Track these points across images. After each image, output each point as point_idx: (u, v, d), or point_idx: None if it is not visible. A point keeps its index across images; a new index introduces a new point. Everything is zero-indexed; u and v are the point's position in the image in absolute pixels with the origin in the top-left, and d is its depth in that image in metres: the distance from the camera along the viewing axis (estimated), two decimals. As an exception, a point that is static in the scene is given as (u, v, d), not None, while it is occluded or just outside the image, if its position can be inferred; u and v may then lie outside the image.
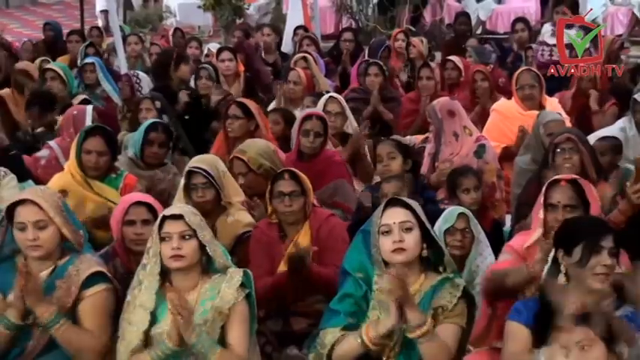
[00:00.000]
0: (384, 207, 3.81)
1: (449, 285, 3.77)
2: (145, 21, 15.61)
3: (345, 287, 3.87)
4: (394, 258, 3.73)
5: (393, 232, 3.73)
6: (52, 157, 6.61)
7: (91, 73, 8.73)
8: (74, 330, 3.88)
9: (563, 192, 4.33)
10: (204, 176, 5.10)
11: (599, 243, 3.61)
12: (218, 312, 3.82)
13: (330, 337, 3.75)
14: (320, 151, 6.18)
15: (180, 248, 3.81)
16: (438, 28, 12.86)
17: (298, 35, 11.30)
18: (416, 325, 3.60)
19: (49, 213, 3.96)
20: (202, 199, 5.08)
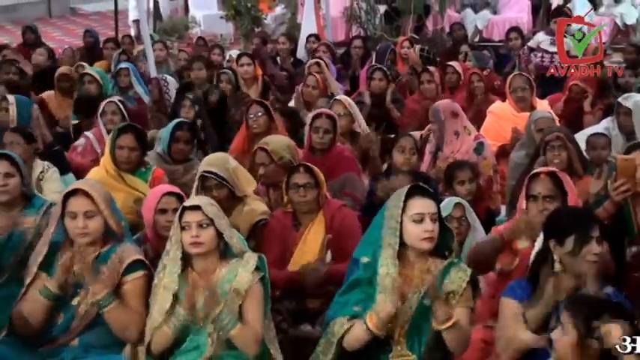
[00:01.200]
0: (411, 195, 3.75)
1: (457, 270, 3.74)
2: (173, 30, 15.64)
3: (352, 275, 3.86)
4: (424, 245, 3.71)
5: (425, 222, 3.69)
6: (88, 144, 6.83)
7: (125, 77, 8.77)
8: (123, 309, 3.90)
9: (543, 184, 4.34)
10: (215, 178, 5.08)
11: (589, 234, 3.62)
12: (236, 293, 3.84)
13: (339, 327, 3.73)
14: (330, 146, 6.18)
15: (198, 236, 3.84)
16: (439, 36, 12.84)
17: (310, 43, 11.33)
18: (444, 318, 3.59)
19: (100, 205, 4.00)
20: (217, 198, 5.08)
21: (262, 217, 5.10)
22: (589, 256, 3.60)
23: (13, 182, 4.66)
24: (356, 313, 3.73)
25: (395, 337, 3.73)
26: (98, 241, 4.05)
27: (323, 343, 3.84)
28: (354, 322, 3.70)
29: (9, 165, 4.67)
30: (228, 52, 10.95)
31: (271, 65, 10.23)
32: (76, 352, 3.92)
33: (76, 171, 6.42)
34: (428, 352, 3.72)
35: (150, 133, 7.23)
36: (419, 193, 3.77)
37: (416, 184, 3.98)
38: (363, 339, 3.69)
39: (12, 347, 3.90)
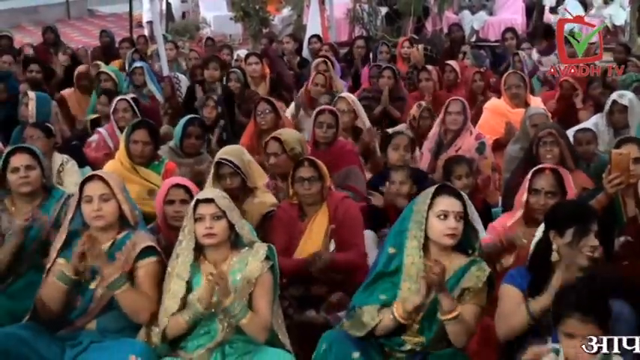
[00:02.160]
0: (439, 193, 3.76)
1: (476, 268, 3.74)
2: (184, 30, 15.63)
3: (379, 264, 3.85)
4: (446, 241, 3.71)
5: (449, 219, 3.69)
6: (101, 140, 6.87)
7: (139, 76, 8.77)
8: (135, 292, 3.90)
9: (547, 179, 4.33)
10: (230, 166, 5.09)
11: (588, 227, 3.62)
12: (246, 281, 3.84)
13: (369, 317, 3.72)
14: (333, 141, 6.17)
15: (212, 227, 3.84)
16: (438, 37, 12.85)
17: (312, 43, 11.35)
18: (447, 309, 3.58)
19: (114, 189, 4.03)
20: (230, 186, 5.09)
21: (271, 209, 5.11)
22: (586, 249, 3.60)
23: (34, 174, 4.66)
24: (382, 302, 3.75)
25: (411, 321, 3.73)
26: (113, 226, 4.06)
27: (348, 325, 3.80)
28: (383, 312, 3.71)
29: (30, 158, 4.68)
30: (237, 52, 10.96)
31: (280, 64, 10.25)
32: (93, 336, 3.93)
33: (91, 165, 6.43)
34: (435, 339, 3.73)
35: (162, 129, 7.26)
36: (446, 192, 3.77)
37: (445, 183, 3.98)
38: (389, 326, 3.71)
39: (31, 331, 3.90)
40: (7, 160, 4.66)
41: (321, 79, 8.04)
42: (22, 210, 4.64)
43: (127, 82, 8.81)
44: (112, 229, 4.06)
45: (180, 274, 3.86)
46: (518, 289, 3.69)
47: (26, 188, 4.64)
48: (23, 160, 4.64)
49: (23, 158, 4.66)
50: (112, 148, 6.60)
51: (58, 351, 3.88)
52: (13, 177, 4.62)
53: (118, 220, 4.08)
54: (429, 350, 3.74)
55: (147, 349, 3.82)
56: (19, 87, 8.43)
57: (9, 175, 4.64)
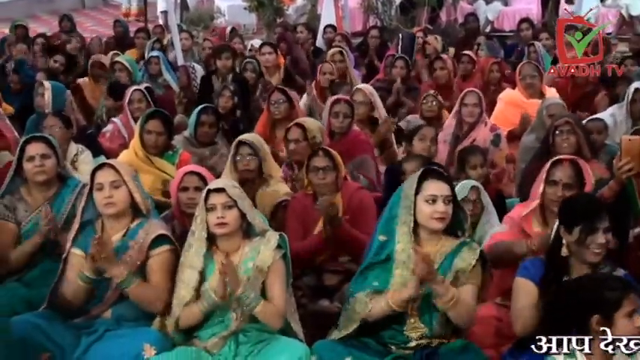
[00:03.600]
0: (426, 177, 3.75)
1: (467, 249, 3.74)
2: (199, 20, 15.60)
3: (371, 252, 3.85)
4: (435, 225, 3.70)
5: (437, 203, 3.68)
6: (115, 130, 6.89)
7: (155, 65, 8.80)
8: (144, 287, 3.91)
9: (565, 171, 4.29)
10: (250, 147, 5.15)
11: (595, 225, 3.60)
12: (259, 270, 3.84)
13: (361, 306, 3.72)
14: (348, 130, 6.18)
15: (223, 217, 3.83)
16: (453, 27, 12.81)
17: (327, 33, 11.35)
18: (443, 296, 3.57)
19: (124, 176, 4.03)
20: (247, 167, 5.12)
21: (285, 198, 5.12)
22: (593, 246, 3.59)
23: (50, 163, 4.67)
24: (375, 288, 3.74)
25: (409, 311, 3.72)
26: (126, 215, 4.06)
27: (343, 319, 3.83)
28: (376, 300, 3.70)
29: (45, 147, 4.69)
30: (251, 42, 10.95)
31: (297, 49, 10.28)
32: (108, 324, 3.94)
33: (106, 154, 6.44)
34: (439, 325, 3.72)
35: (176, 119, 7.27)
36: (434, 176, 3.76)
37: (431, 167, 3.95)
38: (383, 313, 3.69)
39: (47, 319, 3.91)
40: (23, 148, 4.67)
41: (328, 68, 8.03)
42: (38, 199, 4.66)
43: (143, 72, 8.83)
44: (124, 217, 4.06)
45: (193, 264, 3.87)
46: (532, 281, 3.68)
47: (41, 177, 4.65)
48: (39, 149, 4.65)
49: (39, 147, 4.66)
50: (127, 138, 6.61)
51: (73, 339, 3.89)
52: (28, 166, 4.63)
53: (130, 209, 4.08)
54: (435, 338, 3.72)
55: (161, 337, 3.83)
56: (34, 76, 8.46)
57: (25, 163, 4.65)
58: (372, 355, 3.72)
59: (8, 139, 6.28)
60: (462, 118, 6.56)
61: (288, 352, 3.66)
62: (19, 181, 4.71)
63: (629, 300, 3.14)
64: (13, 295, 4.30)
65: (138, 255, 3.95)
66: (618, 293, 3.15)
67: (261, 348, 3.77)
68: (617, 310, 3.14)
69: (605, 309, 3.15)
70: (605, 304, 3.15)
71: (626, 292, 3.15)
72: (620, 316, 3.15)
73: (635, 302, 3.14)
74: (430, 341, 3.73)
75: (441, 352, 3.67)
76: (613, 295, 3.15)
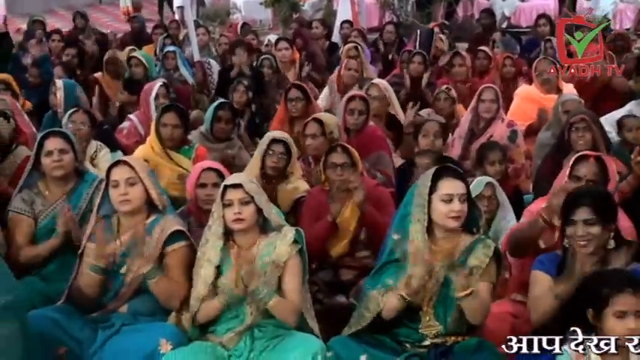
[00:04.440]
0: (442, 175, 3.74)
1: (481, 245, 3.72)
2: (215, 15, 15.65)
3: (385, 251, 3.85)
4: (451, 224, 3.70)
5: (454, 202, 3.67)
6: (132, 127, 6.89)
7: (171, 60, 8.82)
8: (166, 280, 3.92)
9: (590, 167, 4.27)
10: (284, 146, 5.21)
11: (571, 217, 3.62)
12: (275, 265, 3.84)
13: (374, 305, 3.71)
14: (363, 127, 6.17)
15: (240, 213, 3.83)
16: (469, 23, 12.77)
17: (344, 28, 11.34)
18: (461, 287, 3.56)
19: (140, 173, 4.03)
20: (276, 165, 5.16)
21: (304, 195, 5.15)
22: (575, 237, 3.60)
23: (67, 158, 4.69)
24: (389, 286, 3.72)
25: (423, 308, 3.72)
26: (141, 211, 4.07)
27: (355, 315, 3.83)
28: (388, 295, 3.69)
29: (63, 142, 4.71)
30: (267, 37, 10.96)
31: (313, 44, 10.28)
32: (124, 318, 3.95)
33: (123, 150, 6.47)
34: (453, 323, 3.71)
35: (192, 114, 7.29)
36: (449, 175, 3.75)
37: (446, 165, 3.95)
38: (396, 308, 3.68)
39: (65, 313, 3.94)
40: (42, 143, 4.69)
41: (353, 64, 8.02)
42: (56, 193, 4.68)
43: (159, 67, 8.85)
44: (140, 213, 4.07)
45: (211, 258, 3.87)
46: (547, 274, 3.68)
47: (59, 172, 4.67)
48: (57, 144, 4.67)
49: (57, 142, 4.68)
50: (143, 135, 6.62)
51: (90, 333, 3.91)
52: (46, 160, 4.65)
53: (146, 205, 4.08)
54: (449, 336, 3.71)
55: (177, 332, 3.84)
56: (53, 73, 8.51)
57: (43, 158, 4.66)
58: (387, 352, 3.72)
59: (26, 135, 6.32)
60: (479, 113, 6.55)
61: (304, 348, 3.65)
62: (37, 176, 4.72)
63: (624, 299, 3.12)
64: (31, 289, 4.31)
65: (154, 251, 3.95)
66: (608, 290, 3.15)
67: (277, 343, 3.77)
68: (606, 307, 3.15)
69: (595, 304, 3.17)
70: (597, 299, 3.17)
71: (619, 289, 3.13)
72: (609, 314, 3.15)
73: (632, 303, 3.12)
74: (445, 340, 3.72)
75: (455, 351, 3.67)
76: (603, 291, 3.15)
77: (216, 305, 3.84)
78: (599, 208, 3.62)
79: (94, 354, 3.84)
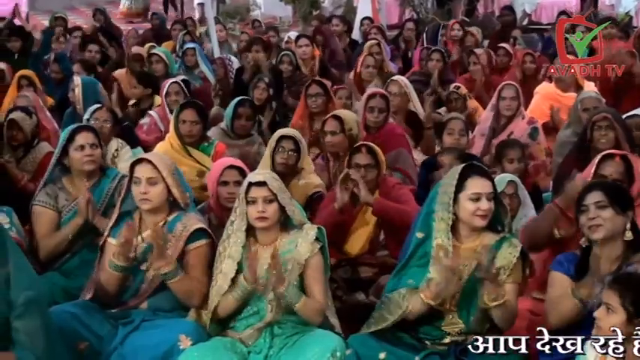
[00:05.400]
0: (470, 174, 3.72)
1: (507, 245, 3.70)
2: (235, 12, 15.67)
3: (408, 249, 3.83)
4: (479, 222, 3.68)
5: (482, 201, 3.66)
6: (152, 123, 6.90)
7: (191, 57, 8.85)
8: (187, 279, 3.92)
9: (616, 166, 4.25)
10: (294, 142, 5.21)
11: (583, 202, 3.63)
12: (296, 262, 3.83)
13: (395, 307, 3.70)
14: (383, 124, 6.17)
15: (264, 211, 3.82)
16: (489, 20, 12.72)
17: (364, 25, 11.31)
18: (493, 297, 3.55)
19: (162, 172, 4.03)
20: (286, 162, 5.17)
21: (317, 190, 5.15)
22: (588, 224, 3.60)
23: (98, 153, 4.73)
24: (410, 286, 3.72)
25: (447, 306, 3.71)
26: (162, 209, 4.07)
27: (376, 317, 3.81)
28: (411, 298, 3.68)
29: (94, 136, 4.74)
30: (287, 34, 10.96)
31: (334, 41, 10.28)
32: (144, 314, 3.97)
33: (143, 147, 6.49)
34: (476, 322, 3.70)
35: (212, 111, 7.30)
36: (477, 173, 3.74)
37: (473, 163, 3.93)
38: (419, 311, 3.68)
39: (85, 308, 3.96)
40: (72, 137, 4.70)
41: (371, 61, 8.01)
42: (80, 188, 4.70)
43: (179, 64, 8.88)
44: (160, 211, 4.07)
45: (232, 255, 3.87)
46: (565, 274, 3.65)
47: (90, 166, 4.69)
48: (89, 139, 4.69)
49: (89, 137, 4.71)
50: (163, 131, 6.64)
51: (110, 328, 3.93)
52: (77, 154, 4.67)
53: (167, 202, 4.09)
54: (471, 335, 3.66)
55: (197, 328, 3.85)
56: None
57: (72, 152, 4.68)
58: (407, 350, 3.71)
59: (48, 131, 6.37)
60: (500, 111, 6.52)
61: (323, 344, 3.65)
62: (62, 170, 4.75)
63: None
64: (52, 285, 4.36)
65: (175, 248, 3.96)
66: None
67: (296, 340, 3.77)
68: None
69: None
70: None
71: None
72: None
73: None
74: (465, 338, 3.70)
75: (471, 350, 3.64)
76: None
77: (230, 300, 3.83)
78: (610, 193, 3.62)
79: (114, 349, 3.85)
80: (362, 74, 7.92)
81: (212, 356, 3.66)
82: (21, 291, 3.49)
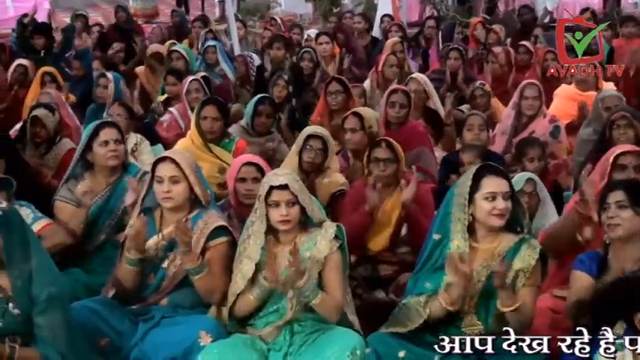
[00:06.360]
0: (485, 173, 3.72)
1: (526, 247, 3.69)
2: (255, 10, 15.69)
3: (426, 251, 3.84)
4: (495, 222, 3.67)
5: (497, 200, 3.65)
6: (173, 120, 6.93)
7: (212, 54, 8.86)
8: (209, 276, 3.93)
9: (636, 157, 4.26)
10: (322, 142, 5.22)
11: (606, 200, 3.64)
12: (315, 260, 3.83)
13: (417, 317, 3.69)
14: (405, 121, 6.17)
15: (287, 214, 3.82)
16: (511, 18, 12.66)
17: (384, 22, 11.30)
18: (507, 303, 3.55)
19: (185, 170, 4.03)
20: (313, 160, 5.18)
21: (341, 188, 5.15)
22: (607, 221, 3.62)
23: (121, 149, 4.76)
24: (429, 289, 3.72)
25: (465, 308, 3.70)
26: (184, 206, 4.08)
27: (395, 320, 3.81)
28: (431, 304, 3.68)
29: (117, 132, 4.77)
30: (307, 32, 10.97)
31: (354, 39, 10.28)
32: (164, 311, 3.98)
33: (163, 144, 6.53)
34: (495, 323, 3.68)
35: (233, 108, 7.32)
36: (492, 172, 3.73)
37: (488, 163, 3.92)
38: (440, 314, 3.68)
39: (106, 305, 3.99)
40: (96, 133, 4.72)
41: (394, 60, 8.00)
42: (101, 184, 4.74)
43: (200, 61, 8.90)
44: (182, 209, 4.08)
45: (251, 255, 3.86)
46: (588, 274, 3.64)
47: (114, 161, 4.72)
48: (113, 135, 4.72)
49: (113, 133, 4.73)
50: (183, 128, 6.66)
51: (131, 324, 3.95)
52: (101, 150, 4.70)
53: (188, 200, 4.09)
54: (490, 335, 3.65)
55: (217, 325, 3.87)
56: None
57: (97, 148, 4.71)
58: (426, 349, 3.69)
59: (70, 127, 6.41)
60: (522, 110, 6.49)
61: (342, 342, 3.65)
62: (84, 166, 4.78)
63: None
64: (74, 281, 4.39)
65: (196, 246, 3.97)
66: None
67: (316, 337, 3.78)
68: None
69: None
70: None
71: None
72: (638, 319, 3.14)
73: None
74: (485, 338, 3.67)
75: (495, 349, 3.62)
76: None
77: (250, 300, 3.84)
78: (632, 193, 3.62)
79: (134, 346, 3.87)
80: (385, 73, 7.91)
81: (232, 353, 3.67)
82: (43, 287, 3.53)
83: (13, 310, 3.52)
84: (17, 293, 3.52)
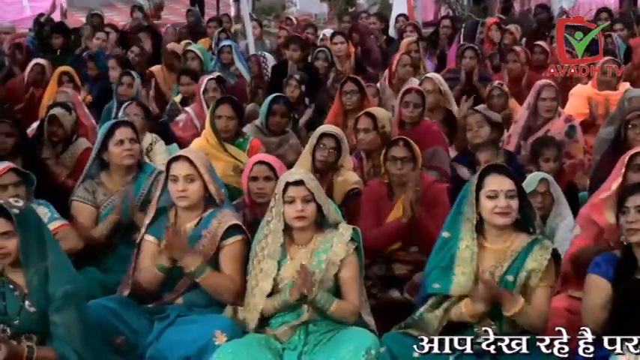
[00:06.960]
0: (488, 172, 3.73)
1: (538, 247, 3.68)
2: (270, 9, 15.71)
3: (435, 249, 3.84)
4: (498, 220, 3.67)
5: (499, 198, 3.65)
6: (188, 119, 6.93)
7: (227, 54, 8.86)
8: (216, 276, 3.95)
9: None
10: (335, 140, 5.21)
11: (625, 205, 3.61)
12: (331, 263, 3.85)
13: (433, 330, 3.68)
14: (419, 120, 6.16)
15: (303, 210, 3.83)
16: (526, 17, 12.62)
17: (399, 22, 11.28)
18: (511, 307, 3.56)
19: (200, 169, 4.05)
20: (326, 159, 5.18)
21: (354, 187, 5.15)
22: (626, 225, 3.59)
23: (137, 148, 4.79)
24: (436, 290, 3.73)
25: None
26: (198, 205, 4.10)
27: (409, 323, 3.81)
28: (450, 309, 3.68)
29: (132, 132, 4.79)
30: (322, 31, 10.96)
31: (370, 40, 10.25)
32: (180, 310, 3.99)
33: (179, 143, 6.54)
34: (508, 323, 3.66)
35: (248, 108, 7.33)
36: (495, 171, 3.73)
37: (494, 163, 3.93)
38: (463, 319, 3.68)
39: (122, 303, 4.00)
40: (112, 132, 4.75)
41: (407, 60, 7.99)
42: (117, 183, 4.76)
43: (215, 61, 8.92)
44: (197, 207, 4.10)
45: (272, 254, 3.87)
46: (604, 278, 3.61)
47: (129, 161, 4.74)
48: (128, 134, 4.74)
49: (128, 132, 4.75)
50: (199, 128, 6.67)
51: (146, 323, 3.96)
52: (117, 149, 4.72)
53: (203, 199, 4.10)
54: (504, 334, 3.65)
55: (232, 324, 3.87)
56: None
57: (112, 147, 4.73)
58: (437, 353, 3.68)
59: (86, 127, 6.44)
60: (538, 111, 6.46)
61: (357, 342, 3.65)
62: (100, 166, 4.80)
63: None
64: (90, 279, 4.40)
65: (210, 244, 3.99)
66: None
67: (330, 337, 3.78)
68: None
69: None
70: None
71: None
72: None
73: None
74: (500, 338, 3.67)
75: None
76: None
77: (270, 307, 3.85)
78: None
79: (149, 344, 3.89)
80: (399, 73, 7.90)
81: (246, 352, 3.68)
82: (59, 285, 3.55)
83: (29, 308, 3.55)
84: (33, 291, 3.55)
